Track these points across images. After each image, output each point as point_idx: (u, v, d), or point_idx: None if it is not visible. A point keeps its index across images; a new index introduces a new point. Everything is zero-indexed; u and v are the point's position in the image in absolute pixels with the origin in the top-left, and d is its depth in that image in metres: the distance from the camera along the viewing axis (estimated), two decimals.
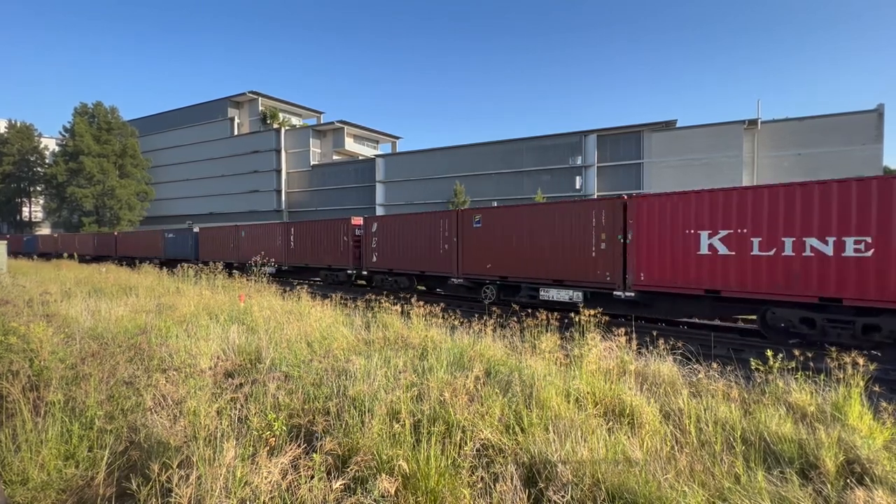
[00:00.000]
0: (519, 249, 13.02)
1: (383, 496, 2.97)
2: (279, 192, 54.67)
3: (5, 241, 21.98)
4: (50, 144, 62.73)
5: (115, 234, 36.55)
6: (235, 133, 58.95)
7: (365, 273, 18.46)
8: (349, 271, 19.14)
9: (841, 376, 4.80)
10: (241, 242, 24.66)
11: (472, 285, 14.86)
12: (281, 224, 22.90)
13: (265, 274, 19.54)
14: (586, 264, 11.49)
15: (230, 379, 4.81)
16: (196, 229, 28.68)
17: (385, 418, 3.81)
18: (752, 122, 33.38)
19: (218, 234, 26.89)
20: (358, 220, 19.04)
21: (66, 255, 33.46)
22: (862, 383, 4.67)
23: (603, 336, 6.31)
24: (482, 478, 3.31)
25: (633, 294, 10.66)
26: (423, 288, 17.78)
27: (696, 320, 11.33)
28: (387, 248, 17.32)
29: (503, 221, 13.56)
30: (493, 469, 3.42)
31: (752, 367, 5.47)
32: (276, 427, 3.40)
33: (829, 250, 8.25)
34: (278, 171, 54.72)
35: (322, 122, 61.34)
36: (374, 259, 17.71)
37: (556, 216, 12.28)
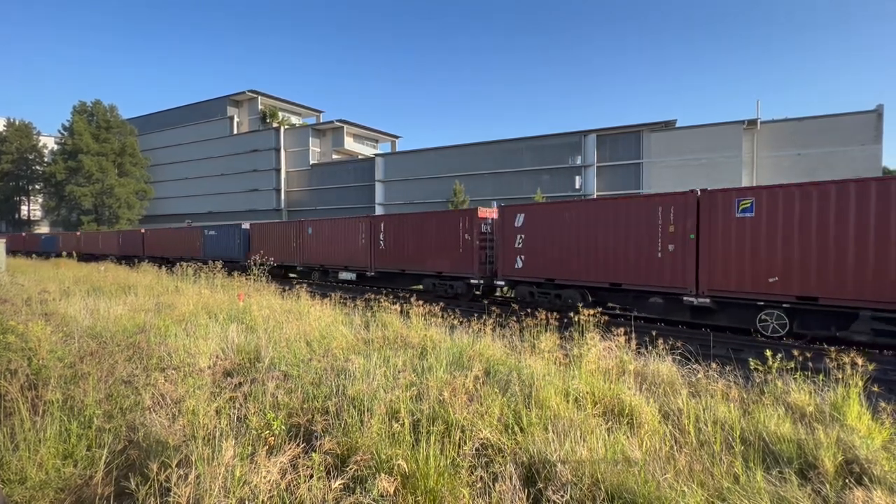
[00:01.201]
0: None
1: (382, 496, 2.97)
2: (279, 191, 54.63)
3: (3, 240, 21.94)
4: (49, 143, 62.59)
5: (143, 231, 33.19)
6: (235, 132, 58.91)
7: (500, 283, 13.91)
8: (472, 280, 14.45)
9: (840, 376, 4.80)
10: (308, 241, 20.74)
11: (731, 308, 10.09)
12: (366, 218, 18.55)
13: (342, 281, 19.08)
14: None
15: (229, 378, 4.81)
16: (246, 226, 24.99)
17: (384, 418, 3.80)
18: (752, 122, 33.41)
19: (275, 232, 23.14)
20: (486, 213, 14.77)
21: (102, 256, 32.18)
22: (860, 383, 4.67)
23: (602, 336, 6.31)
24: (481, 477, 3.31)
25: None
26: (616, 307, 12.38)
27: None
28: (544, 248, 12.59)
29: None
30: (493, 469, 3.42)
31: (752, 368, 5.47)
32: (275, 426, 3.40)
33: None
34: (278, 171, 54.68)
35: (322, 121, 61.29)
36: (520, 265, 13.06)
37: None
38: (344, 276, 19.27)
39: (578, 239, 11.97)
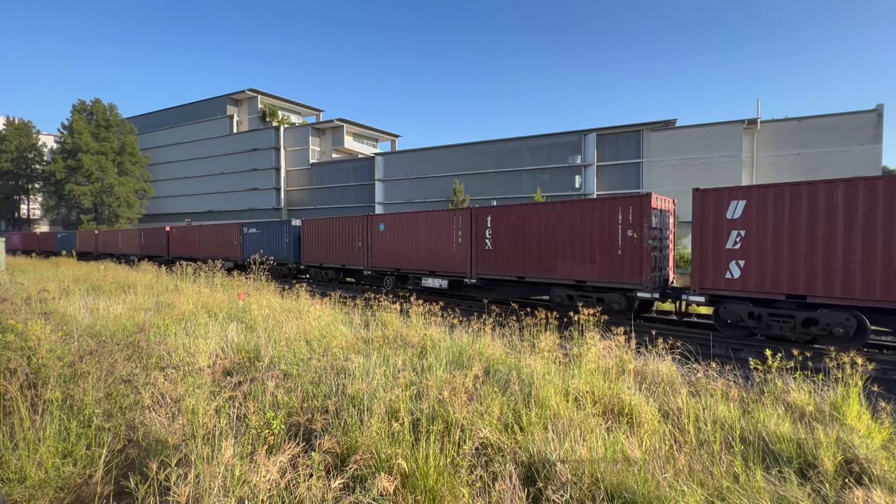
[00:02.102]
0: None
1: (382, 495, 2.97)
2: (278, 190, 54.58)
3: (3, 239, 21.93)
4: (48, 141, 62.54)
5: (168, 229, 29.79)
6: (234, 131, 58.84)
7: (697, 299, 9.76)
8: (641, 293, 10.65)
9: (839, 376, 4.81)
10: (379, 240, 17.31)
11: None
12: (465, 211, 14.45)
13: (426, 290, 15.27)
14: None
15: (229, 377, 4.80)
16: (297, 222, 21.85)
17: (384, 417, 3.80)
18: (752, 122, 33.38)
19: (335, 229, 19.33)
20: (659, 202, 11.02)
21: (121, 256, 30.58)
22: (860, 383, 4.67)
23: (602, 335, 6.31)
24: (481, 477, 3.31)
25: None
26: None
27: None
28: (781, 250, 8.75)
29: None
30: (492, 468, 3.42)
31: (751, 367, 5.47)
32: (274, 425, 3.39)
33: None
34: (277, 170, 54.63)
35: (321, 120, 61.22)
36: (735, 273, 9.19)
37: None
38: (430, 282, 15.59)
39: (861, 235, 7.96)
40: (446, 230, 15.01)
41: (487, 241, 13.84)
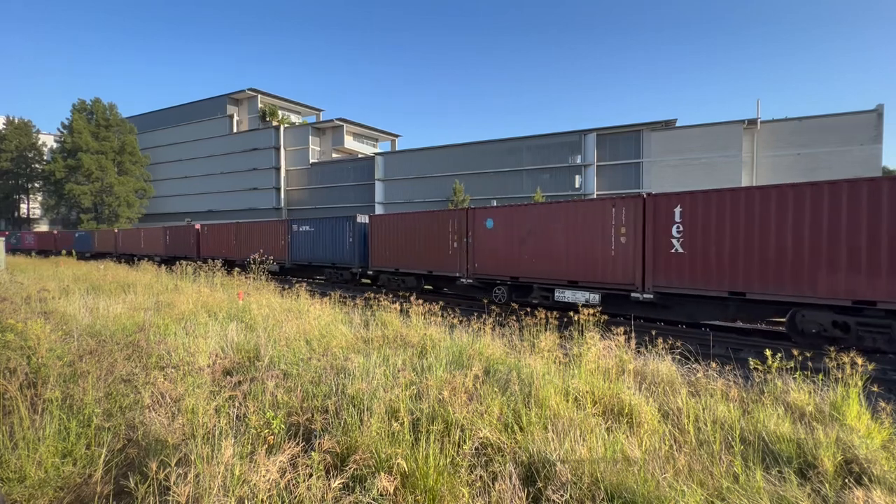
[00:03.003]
0: None
1: (382, 495, 2.96)
2: (278, 189, 54.59)
3: (3, 238, 21.93)
4: (48, 141, 62.49)
5: (198, 227, 26.85)
6: (234, 130, 58.84)
7: None
8: None
9: (839, 376, 4.81)
10: (487, 240, 13.46)
11: None
12: (633, 200, 10.85)
13: (566, 306, 11.16)
14: None
15: (228, 377, 4.80)
16: (363, 219, 18.11)
17: (384, 417, 3.80)
18: (752, 122, 33.39)
19: (418, 226, 15.37)
20: None
21: (144, 257, 27.83)
22: (860, 383, 4.67)
23: (602, 335, 6.31)
24: (481, 476, 3.31)
25: None
26: None
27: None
28: None
29: None
30: (492, 468, 3.41)
31: (751, 367, 5.47)
32: (274, 425, 3.39)
33: None
34: (277, 169, 54.64)
35: (321, 119, 61.22)
36: None
37: None
38: (569, 296, 11.70)
39: None
40: (599, 226, 11.28)
41: (675, 240, 10.07)
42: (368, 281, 18.80)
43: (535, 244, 12.57)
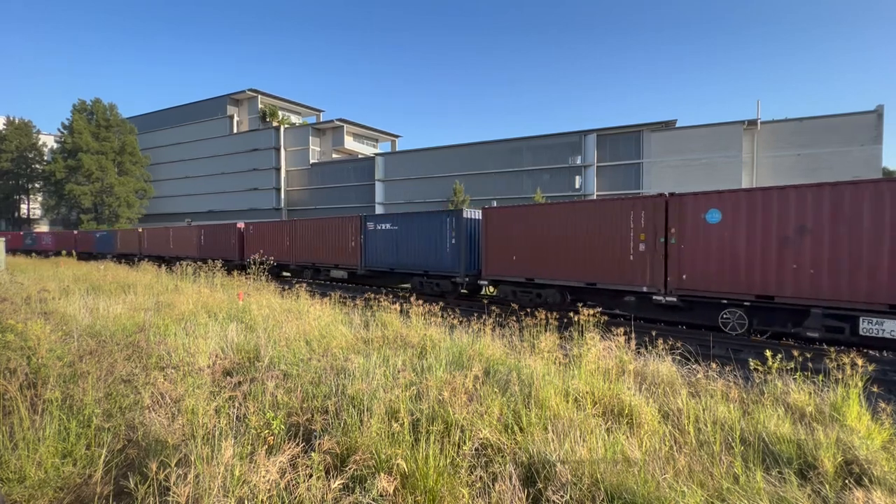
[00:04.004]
0: None
1: (382, 495, 2.96)
2: (278, 190, 54.60)
3: (3, 239, 21.93)
4: (48, 141, 62.51)
5: (241, 227, 23.31)
6: (235, 131, 58.86)
7: None
8: None
9: (839, 377, 4.81)
10: (708, 240, 9.50)
11: None
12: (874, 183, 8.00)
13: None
14: None
15: (228, 377, 4.80)
16: (471, 214, 14.48)
17: (384, 417, 3.80)
18: (752, 123, 33.38)
19: (569, 220, 11.65)
20: None
21: (174, 259, 23.90)
22: (860, 384, 4.67)
23: (602, 336, 6.31)
24: (481, 477, 3.30)
25: None
26: None
27: None
28: None
29: None
30: (492, 468, 3.41)
31: (751, 368, 5.47)
32: (274, 426, 3.39)
33: None
34: (278, 170, 54.64)
35: (321, 120, 61.21)
36: None
37: None
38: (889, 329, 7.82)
39: None
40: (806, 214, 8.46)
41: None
42: (484, 295, 15.24)
43: (816, 246, 8.43)
